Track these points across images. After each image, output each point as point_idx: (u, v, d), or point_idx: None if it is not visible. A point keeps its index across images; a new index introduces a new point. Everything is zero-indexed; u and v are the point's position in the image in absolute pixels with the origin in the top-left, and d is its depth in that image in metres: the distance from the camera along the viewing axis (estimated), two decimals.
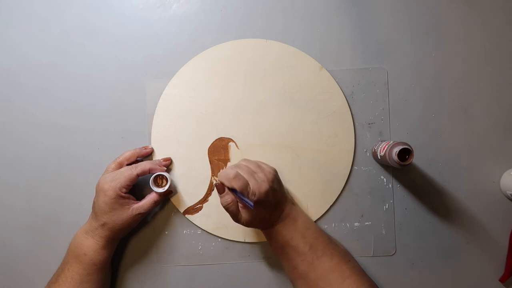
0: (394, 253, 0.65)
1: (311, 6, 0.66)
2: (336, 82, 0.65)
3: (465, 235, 0.65)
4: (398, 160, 0.54)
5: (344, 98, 0.65)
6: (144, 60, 0.67)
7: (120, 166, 0.62)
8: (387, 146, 0.58)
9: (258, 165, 0.60)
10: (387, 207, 0.65)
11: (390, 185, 0.65)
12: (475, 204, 0.65)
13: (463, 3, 0.66)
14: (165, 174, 0.63)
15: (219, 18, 0.67)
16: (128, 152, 0.64)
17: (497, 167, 0.65)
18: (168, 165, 0.65)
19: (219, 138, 0.66)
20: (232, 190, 0.55)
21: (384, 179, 0.65)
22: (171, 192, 0.65)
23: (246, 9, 0.67)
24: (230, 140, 0.66)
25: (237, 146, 0.66)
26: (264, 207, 0.57)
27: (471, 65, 0.65)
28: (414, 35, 0.66)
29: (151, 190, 0.62)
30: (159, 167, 0.63)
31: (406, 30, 0.66)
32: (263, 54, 0.66)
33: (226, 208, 0.57)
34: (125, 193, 0.60)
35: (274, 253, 0.62)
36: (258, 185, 0.55)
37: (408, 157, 0.55)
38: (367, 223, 0.65)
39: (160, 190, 0.62)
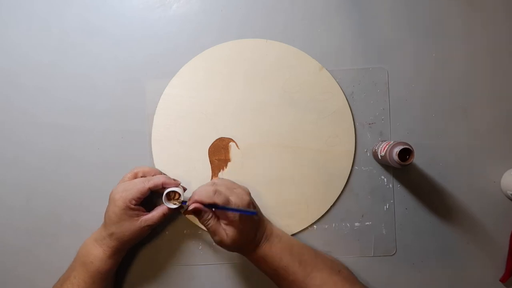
0: (394, 253, 0.65)
1: (311, 6, 0.66)
2: (336, 82, 0.65)
3: (465, 235, 0.65)
4: (399, 160, 0.54)
5: (345, 98, 0.65)
6: (144, 60, 0.67)
7: (135, 176, 0.61)
8: (387, 146, 0.58)
9: (233, 182, 0.61)
10: (387, 207, 0.65)
11: (390, 185, 0.65)
12: (475, 204, 0.65)
13: (463, 3, 0.66)
14: (178, 189, 0.60)
15: (219, 18, 0.67)
16: (148, 168, 0.62)
17: (497, 167, 0.65)
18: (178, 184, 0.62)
19: (219, 138, 0.66)
20: (214, 207, 0.54)
21: (385, 179, 0.65)
22: (183, 207, 0.61)
23: (246, 9, 0.67)
24: (230, 140, 0.66)
25: (237, 146, 0.66)
26: (250, 224, 0.56)
27: (471, 65, 0.65)
28: (414, 35, 0.66)
29: (162, 202, 0.60)
30: (173, 181, 0.61)
31: (406, 30, 0.66)
32: (263, 54, 0.66)
33: (206, 226, 0.56)
34: (135, 205, 0.58)
35: (267, 275, 0.60)
36: (239, 199, 0.56)
37: (409, 157, 0.55)
38: (368, 223, 0.65)
39: (173, 206, 0.60)
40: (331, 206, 0.65)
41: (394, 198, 0.65)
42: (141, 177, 0.61)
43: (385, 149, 0.58)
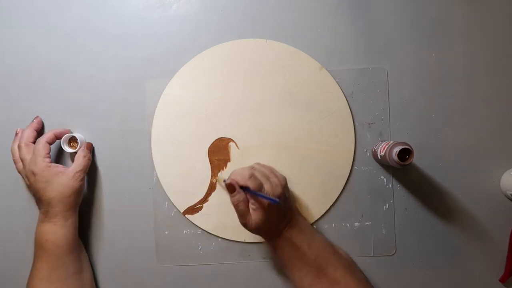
0: (394, 253, 0.65)
1: (311, 6, 0.66)
2: (336, 82, 0.65)
3: (465, 235, 0.65)
4: (398, 160, 0.54)
5: (344, 98, 0.65)
6: (144, 60, 0.67)
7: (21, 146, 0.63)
8: (387, 146, 0.58)
9: (272, 170, 0.60)
10: (387, 207, 0.65)
11: (390, 185, 0.65)
12: (475, 204, 0.65)
13: (463, 3, 0.66)
14: (75, 134, 0.65)
15: (219, 18, 0.67)
16: (25, 132, 0.64)
17: (497, 167, 0.65)
18: (62, 134, 0.65)
19: (219, 138, 0.66)
20: (246, 190, 0.55)
21: (384, 179, 0.65)
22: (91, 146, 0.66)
23: (246, 9, 0.67)
24: (230, 140, 0.66)
25: (237, 146, 0.66)
26: (277, 213, 0.56)
27: (471, 65, 0.65)
28: (414, 35, 0.66)
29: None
30: (64, 130, 0.65)
31: (406, 30, 0.66)
32: (263, 54, 0.66)
33: (236, 207, 0.56)
34: (49, 162, 0.60)
35: (281, 263, 0.61)
36: (272, 188, 0.56)
37: (408, 157, 0.55)
38: (367, 223, 0.65)
39: (71, 150, 0.64)
40: (331, 206, 0.65)
41: (393, 198, 0.65)
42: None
43: (385, 149, 0.58)
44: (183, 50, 0.67)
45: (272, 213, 0.56)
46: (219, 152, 0.66)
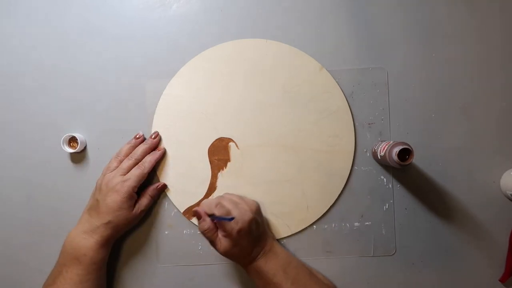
0: (394, 253, 0.65)
1: (311, 6, 0.66)
2: (336, 82, 0.65)
3: (465, 235, 0.65)
4: (398, 160, 0.54)
5: (344, 98, 0.65)
6: (144, 60, 0.67)
7: (121, 162, 0.63)
8: (387, 146, 0.58)
9: (241, 197, 0.61)
10: (387, 207, 0.65)
11: (390, 185, 0.65)
12: (475, 204, 0.65)
13: (463, 3, 0.66)
14: (75, 134, 0.65)
15: (219, 18, 0.67)
16: (125, 147, 0.64)
17: (497, 167, 0.65)
18: (158, 141, 0.66)
19: (219, 138, 0.66)
20: (212, 217, 0.57)
21: (384, 179, 0.65)
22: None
23: (246, 9, 0.67)
24: (230, 140, 0.66)
25: (237, 146, 0.66)
26: (247, 238, 0.57)
27: (471, 65, 0.65)
28: (414, 35, 0.66)
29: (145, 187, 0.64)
30: (158, 154, 0.64)
31: (406, 30, 0.66)
32: (263, 54, 0.66)
33: (203, 234, 0.58)
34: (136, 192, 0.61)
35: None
36: (241, 214, 0.57)
37: (408, 157, 0.55)
38: (367, 223, 0.65)
39: (72, 150, 0.64)
40: (331, 206, 0.65)
41: (393, 198, 0.65)
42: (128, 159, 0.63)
43: (385, 149, 0.58)
44: (183, 50, 0.67)
45: (243, 239, 0.57)
46: (219, 152, 0.66)
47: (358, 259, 0.65)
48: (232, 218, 0.55)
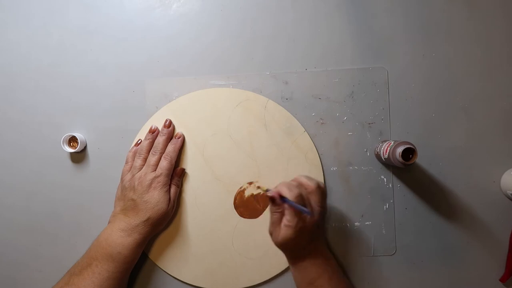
0: (394, 253, 0.65)
1: (311, 6, 0.66)
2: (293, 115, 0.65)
3: (465, 235, 0.65)
4: (402, 160, 0.54)
5: (304, 129, 0.65)
6: (144, 60, 0.67)
7: (145, 160, 0.63)
8: (389, 147, 0.58)
9: (323, 192, 0.58)
10: (387, 207, 0.65)
11: (390, 185, 0.65)
12: (475, 204, 0.65)
13: (463, 3, 0.66)
14: (75, 134, 0.65)
15: (219, 18, 0.67)
16: (144, 143, 0.64)
17: (497, 167, 0.65)
18: (173, 128, 0.65)
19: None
20: (284, 199, 0.54)
21: (384, 179, 0.65)
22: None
23: (246, 9, 0.67)
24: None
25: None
26: (308, 236, 0.56)
27: (471, 65, 0.65)
28: (414, 35, 0.66)
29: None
30: (180, 141, 0.65)
31: (407, 30, 0.66)
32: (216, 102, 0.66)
33: (272, 213, 0.56)
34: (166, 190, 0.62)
35: (297, 286, 0.60)
36: (315, 212, 0.56)
37: (412, 156, 0.55)
38: (367, 223, 0.65)
39: (72, 150, 0.64)
40: (331, 206, 0.65)
41: (393, 198, 0.65)
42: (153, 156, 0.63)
43: (388, 150, 0.58)
44: (183, 50, 0.67)
45: (302, 235, 0.55)
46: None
47: (358, 259, 0.65)
48: (309, 212, 0.54)
